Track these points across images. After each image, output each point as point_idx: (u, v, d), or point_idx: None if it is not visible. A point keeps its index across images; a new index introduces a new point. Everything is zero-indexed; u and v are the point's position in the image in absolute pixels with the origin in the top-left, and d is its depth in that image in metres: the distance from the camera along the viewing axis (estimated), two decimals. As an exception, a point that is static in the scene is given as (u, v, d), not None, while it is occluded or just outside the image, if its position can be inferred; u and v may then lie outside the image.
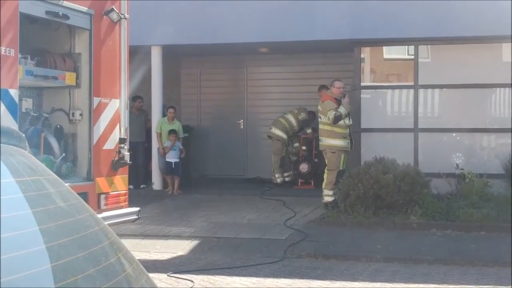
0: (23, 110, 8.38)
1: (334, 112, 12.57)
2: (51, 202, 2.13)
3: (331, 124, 12.61)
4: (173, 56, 17.15)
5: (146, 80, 15.69)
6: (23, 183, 2.06)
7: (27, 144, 2.22)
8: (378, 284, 8.34)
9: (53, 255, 1.89)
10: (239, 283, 8.44)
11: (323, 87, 14.09)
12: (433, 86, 14.72)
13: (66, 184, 6.64)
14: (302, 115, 15.86)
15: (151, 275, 7.73)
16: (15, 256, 1.81)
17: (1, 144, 2.05)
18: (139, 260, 7.72)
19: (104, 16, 8.72)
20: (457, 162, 13.93)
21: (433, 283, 8.38)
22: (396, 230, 11.12)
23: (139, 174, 15.68)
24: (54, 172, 7.21)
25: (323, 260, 9.78)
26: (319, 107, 12.97)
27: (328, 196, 12.70)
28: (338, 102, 12.74)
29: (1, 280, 1.71)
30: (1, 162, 2.05)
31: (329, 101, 12.81)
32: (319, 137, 12.98)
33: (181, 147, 15.39)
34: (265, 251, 10.20)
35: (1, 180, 1.99)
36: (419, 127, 14.58)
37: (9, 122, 7.30)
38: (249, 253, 10.06)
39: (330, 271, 9.07)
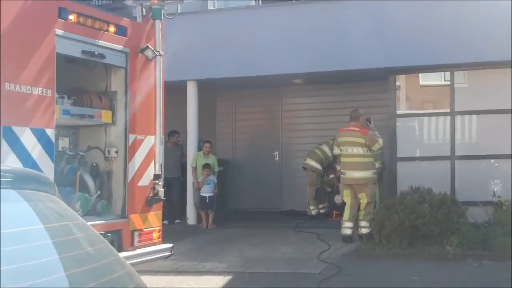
0: (60, 149, 8.52)
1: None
2: (78, 247, 2.21)
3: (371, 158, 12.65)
4: (209, 90, 17.29)
5: (182, 115, 15.84)
6: (51, 229, 2.14)
7: (56, 189, 2.30)
8: (414, 317, 8.27)
9: (80, 300, 1.96)
10: (273, 318, 8.42)
11: (359, 117, 13.35)
12: (470, 112, 14.56)
13: (101, 222, 6.73)
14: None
15: (184, 311, 7.65)
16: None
17: (31, 191, 2.14)
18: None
19: (139, 54, 8.86)
20: (495, 189, 13.75)
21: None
22: (432, 261, 11.00)
23: (173, 209, 15.72)
24: (89, 210, 7.33)
25: (358, 293, 9.72)
26: (361, 140, 12.78)
27: (366, 228, 12.64)
28: None
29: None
30: (31, 209, 2.15)
31: (371, 133, 12.93)
32: (356, 171, 12.75)
33: (215, 181, 15.45)
34: (299, 285, 10.16)
35: (31, 227, 2.08)
36: (456, 154, 14.44)
37: (46, 162, 7.45)
38: (283, 288, 10.03)
39: (366, 304, 9.01)
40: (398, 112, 14.96)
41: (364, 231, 12.67)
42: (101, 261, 2.22)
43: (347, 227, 12.78)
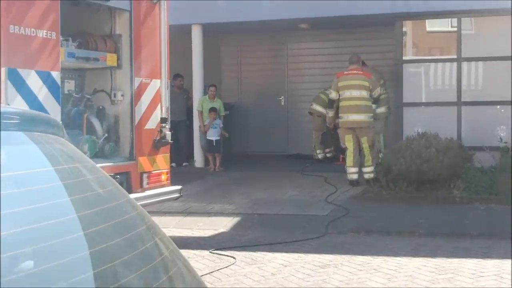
0: (66, 92, 8.52)
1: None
2: (88, 189, 2.19)
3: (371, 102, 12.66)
4: (213, 34, 17.16)
5: (187, 59, 15.76)
6: (61, 171, 2.11)
7: (64, 132, 2.27)
8: (420, 259, 8.33)
9: (91, 242, 1.94)
10: (280, 259, 8.50)
11: (359, 61, 13.48)
12: (476, 59, 14.50)
13: (109, 164, 6.78)
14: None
15: (193, 252, 7.88)
16: (54, 244, 1.86)
17: (39, 133, 2.10)
18: (181, 237, 7.86)
19: (144, -3, 8.80)
20: (501, 135, 13.74)
21: (475, 257, 8.33)
22: (438, 204, 11.06)
23: (181, 152, 15.81)
24: (97, 153, 7.38)
25: (365, 235, 9.79)
26: (366, 83, 12.78)
27: (370, 173, 12.68)
28: None
29: (41, 267, 1.77)
30: (40, 151, 2.11)
31: (374, 77, 12.87)
32: (360, 114, 12.74)
33: (221, 125, 15.45)
34: (307, 227, 10.24)
35: (40, 169, 2.05)
36: (462, 100, 14.41)
37: (52, 104, 7.44)
38: (291, 230, 10.11)
39: (372, 246, 9.07)
40: (404, 58, 14.88)
41: (368, 176, 12.71)
42: (112, 203, 2.20)
43: (352, 173, 12.82)
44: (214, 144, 15.31)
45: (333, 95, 13.08)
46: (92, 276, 1.87)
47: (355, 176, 12.80)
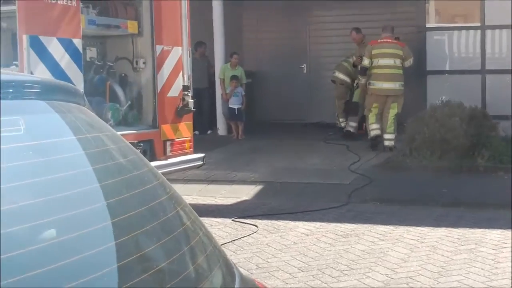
0: (88, 59, 8.51)
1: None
2: (110, 159, 2.17)
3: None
4: (235, 1, 17.03)
5: (208, 27, 15.67)
6: (83, 140, 2.09)
7: (86, 100, 2.25)
8: (443, 229, 8.28)
9: (113, 212, 1.93)
10: (302, 228, 8.50)
11: (393, 30, 13.48)
12: (500, 27, 14.28)
13: (133, 131, 6.80)
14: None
15: (216, 220, 7.89)
16: (77, 214, 1.85)
17: (60, 102, 2.08)
18: (204, 205, 7.86)
19: (164, -37, 8.73)
20: (526, 103, 13.57)
21: (499, 228, 8.26)
22: (462, 174, 10.97)
23: (204, 120, 15.81)
24: (120, 120, 7.40)
25: (388, 204, 9.75)
26: (400, 52, 12.83)
27: (391, 140, 12.71)
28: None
29: (64, 237, 1.76)
30: (62, 120, 2.09)
31: (407, 47, 12.85)
32: (394, 82, 12.77)
33: (243, 93, 15.39)
34: (329, 196, 10.22)
35: (62, 138, 2.04)
36: (486, 68, 14.23)
37: (74, 71, 7.44)
38: (313, 198, 10.09)
39: (394, 216, 9.04)
40: (427, 25, 14.70)
41: (389, 143, 12.71)
42: (134, 172, 2.18)
43: (374, 129, 12.90)
44: (236, 112, 15.27)
45: (366, 62, 13.05)
46: (114, 246, 1.86)
47: (378, 132, 12.88)
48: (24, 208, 1.74)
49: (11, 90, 1.87)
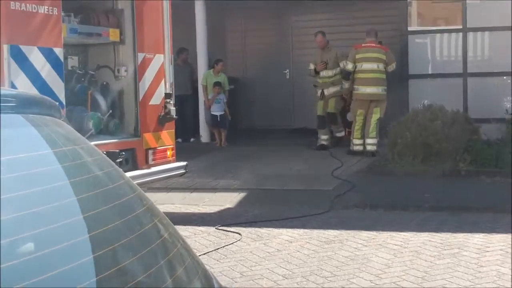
0: (69, 68, 8.47)
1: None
2: (87, 172, 2.16)
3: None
4: (216, 7, 17.03)
5: (190, 33, 15.66)
6: (59, 153, 2.08)
7: (61, 113, 2.24)
8: (426, 234, 8.32)
9: (90, 225, 1.92)
10: (286, 235, 8.50)
11: (376, 35, 13.52)
12: (482, 29, 14.37)
13: (114, 140, 6.77)
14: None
15: (199, 228, 7.88)
16: (54, 228, 1.84)
17: (36, 115, 2.07)
18: (188, 213, 7.85)
19: (145, -29, 8.73)
20: (508, 106, 13.66)
21: (482, 232, 8.31)
22: (444, 178, 11.02)
23: (187, 127, 15.78)
24: (102, 129, 7.37)
25: (371, 210, 9.77)
26: (383, 56, 12.88)
27: (373, 145, 12.79)
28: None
29: (41, 252, 1.75)
30: (38, 133, 2.08)
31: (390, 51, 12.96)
32: (377, 87, 12.81)
33: (225, 100, 15.38)
34: (312, 202, 10.23)
35: (38, 152, 2.02)
36: (468, 71, 14.31)
37: (55, 81, 7.41)
38: (296, 205, 10.10)
39: (378, 221, 9.06)
40: (409, 29, 14.78)
41: (371, 147, 12.77)
42: (110, 185, 2.17)
43: (357, 144, 12.95)
44: (219, 119, 15.27)
45: (350, 66, 13.11)
46: (92, 259, 1.85)
47: (360, 148, 12.93)
48: (2, 223, 1.73)
49: (-15, 105, 1.86)
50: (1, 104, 1.95)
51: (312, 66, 14.32)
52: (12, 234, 1.72)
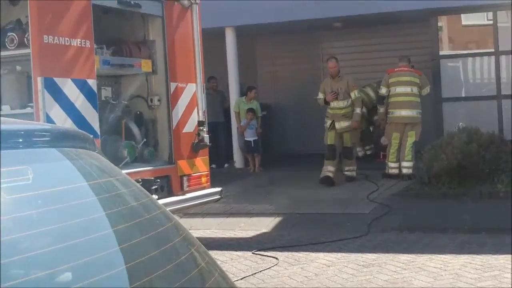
0: (103, 99, 8.56)
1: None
2: (123, 203, 2.16)
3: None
4: (247, 35, 17.13)
5: (222, 61, 15.75)
6: (94, 185, 2.09)
7: (96, 145, 2.25)
8: (466, 256, 8.19)
9: (127, 256, 1.92)
10: (323, 259, 8.43)
11: (409, 60, 13.48)
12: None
13: (149, 168, 6.83)
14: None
15: (236, 253, 7.86)
16: (92, 259, 1.84)
17: (70, 149, 2.09)
18: (224, 238, 7.87)
19: (175, 3, 8.84)
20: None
21: (522, 253, 8.16)
22: (482, 200, 10.87)
23: (221, 154, 15.82)
24: (137, 157, 7.44)
25: (408, 233, 9.66)
26: (416, 79, 12.81)
27: (409, 168, 12.66)
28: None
29: (82, 282, 1.75)
30: (73, 166, 2.09)
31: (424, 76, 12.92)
32: (411, 110, 12.72)
33: (257, 125, 15.40)
34: (349, 226, 10.16)
35: (74, 185, 2.04)
36: (502, 93, 14.19)
37: (90, 111, 7.49)
38: (333, 229, 10.03)
39: (416, 244, 8.96)
40: (441, 53, 14.73)
41: (407, 171, 12.66)
42: (146, 215, 2.18)
43: (393, 167, 12.85)
44: (253, 144, 15.29)
45: (383, 90, 13.06)
46: (130, 290, 1.85)
47: (395, 171, 12.80)
48: (40, 256, 1.74)
49: (21, 140, 1.88)
50: (36, 139, 1.96)
51: (321, 96, 13.27)
52: (51, 266, 1.73)
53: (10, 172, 1.78)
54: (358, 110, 12.96)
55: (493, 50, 14.32)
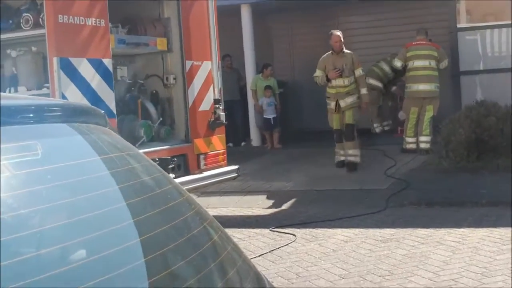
0: (118, 78, 8.58)
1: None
2: (135, 177, 2.17)
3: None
4: (263, 12, 17.05)
5: (237, 38, 15.70)
6: (107, 160, 2.10)
7: (107, 121, 2.26)
8: (484, 230, 8.17)
9: (140, 230, 1.93)
10: (341, 235, 8.45)
11: (427, 33, 13.30)
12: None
13: (166, 147, 6.87)
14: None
15: (254, 230, 7.87)
16: (104, 233, 1.85)
17: (81, 124, 2.09)
18: (242, 216, 7.87)
19: (190, -21, 8.80)
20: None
21: (541, 226, 8.13)
22: (500, 173, 10.80)
23: (237, 132, 15.82)
24: (153, 136, 7.47)
25: (426, 207, 9.64)
26: (435, 53, 12.70)
27: (426, 143, 12.60)
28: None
29: (95, 256, 1.77)
30: (85, 141, 2.11)
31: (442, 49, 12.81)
32: (429, 84, 12.62)
33: (276, 103, 15.38)
34: (367, 201, 10.15)
35: (86, 159, 2.05)
36: (521, 66, 14.06)
37: (105, 91, 7.51)
38: (350, 205, 10.02)
39: (434, 219, 8.94)
40: (458, 26, 14.58)
41: (424, 145, 12.60)
42: (159, 190, 2.19)
43: (410, 143, 12.79)
44: (272, 122, 15.27)
45: (399, 64, 13.01)
46: (144, 263, 1.86)
47: (413, 146, 12.76)
48: (53, 230, 1.75)
49: (31, 115, 1.89)
50: (47, 114, 1.97)
51: (319, 73, 12.21)
52: (64, 240, 1.74)
53: (18, 147, 1.79)
54: (364, 90, 11.99)
55: (510, 22, 14.16)
